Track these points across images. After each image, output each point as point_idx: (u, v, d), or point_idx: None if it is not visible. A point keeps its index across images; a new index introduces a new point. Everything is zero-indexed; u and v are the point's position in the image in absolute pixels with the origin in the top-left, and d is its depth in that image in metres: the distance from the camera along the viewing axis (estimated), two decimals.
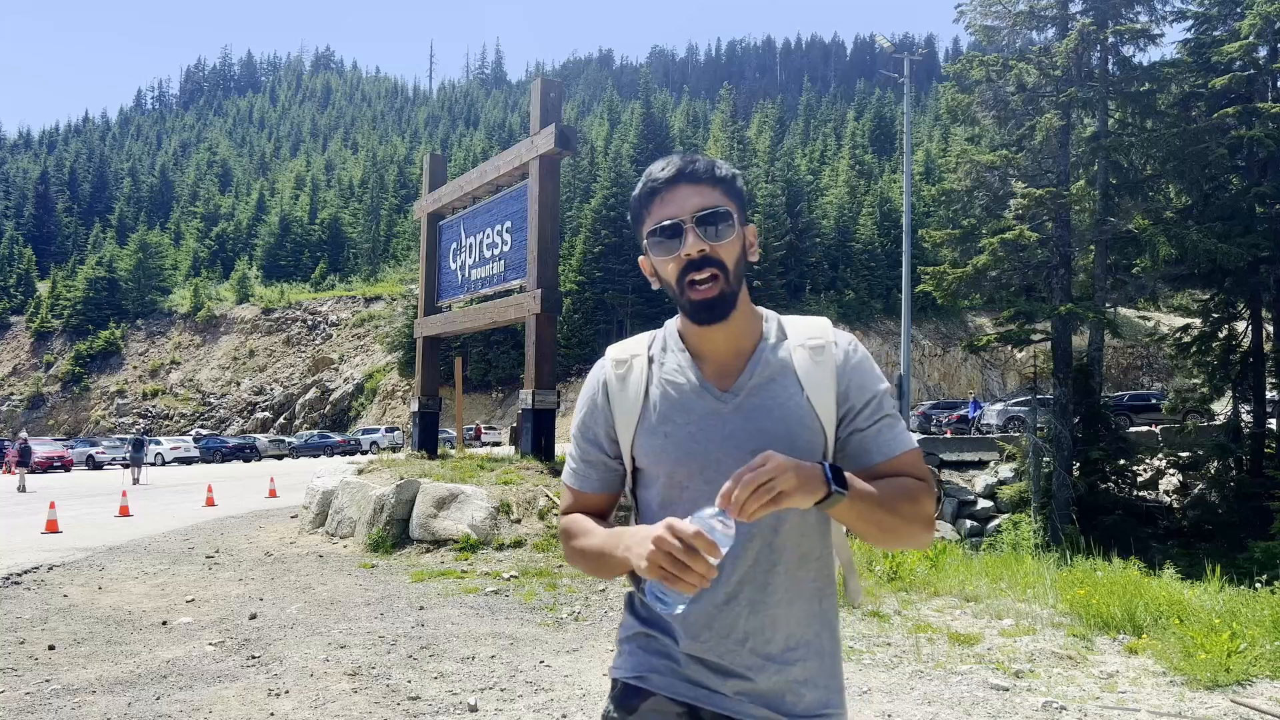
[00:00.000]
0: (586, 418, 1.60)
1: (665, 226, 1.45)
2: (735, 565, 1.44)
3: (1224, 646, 5.00)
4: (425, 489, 10.31)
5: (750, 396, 1.47)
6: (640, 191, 1.51)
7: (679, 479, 1.47)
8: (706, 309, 1.45)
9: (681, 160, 1.48)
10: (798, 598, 1.48)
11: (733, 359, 1.51)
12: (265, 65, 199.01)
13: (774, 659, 1.46)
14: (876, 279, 59.53)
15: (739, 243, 1.48)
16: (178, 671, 5.31)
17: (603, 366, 1.60)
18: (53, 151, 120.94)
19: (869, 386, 1.51)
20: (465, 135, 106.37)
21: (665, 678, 1.49)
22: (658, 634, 1.51)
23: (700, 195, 1.45)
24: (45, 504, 14.09)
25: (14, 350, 74.94)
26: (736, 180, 1.51)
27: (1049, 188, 22.02)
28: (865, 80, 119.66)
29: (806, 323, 1.56)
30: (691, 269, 1.44)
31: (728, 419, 1.47)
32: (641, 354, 1.56)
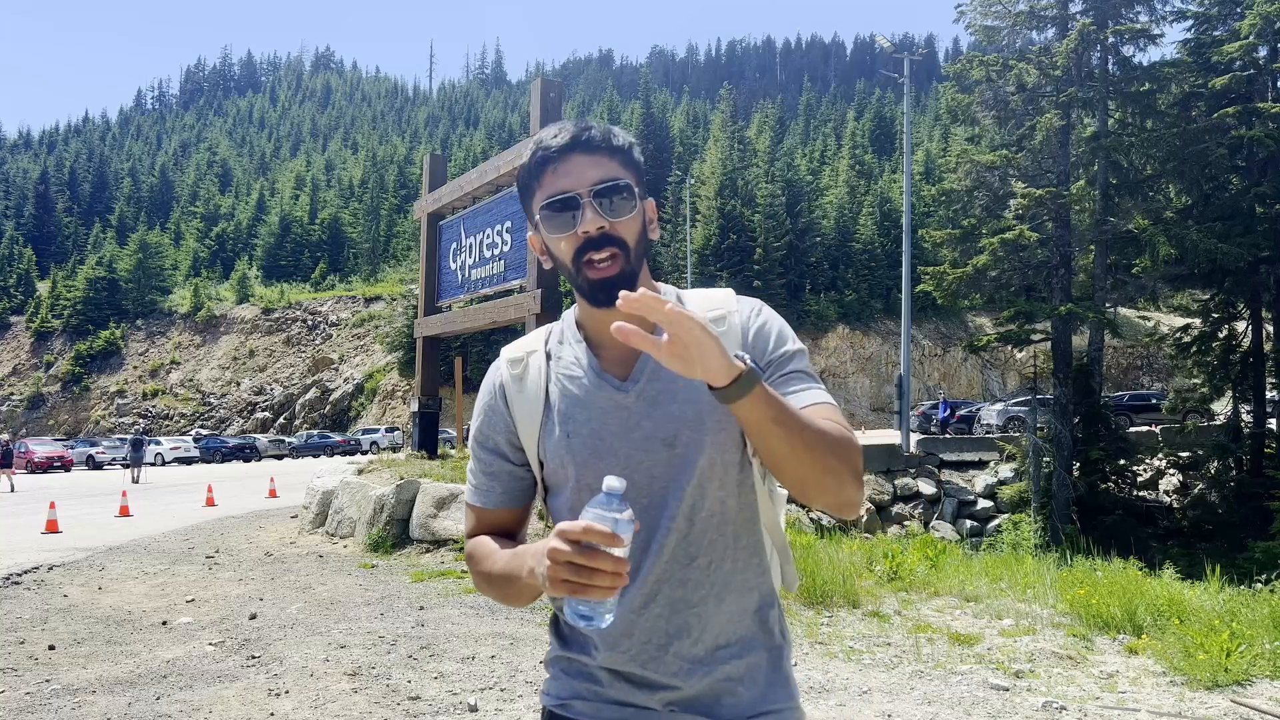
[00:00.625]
0: (484, 426, 1.45)
1: (559, 200, 1.31)
2: (649, 564, 1.32)
3: (1224, 646, 5.00)
4: (425, 489, 10.31)
5: (651, 381, 1.34)
6: (530, 161, 1.36)
7: (587, 481, 1.33)
8: (605, 289, 1.30)
9: (576, 127, 1.34)
10: (726, 592, 1.35)
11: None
12: (265, 65, 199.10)
13: (702, 661, 1.34)
14: (876, 279, 59.53)
15: (639, 218, 1.35)
16: (178, 671, 5.31)
17: (497, 369, 1.47)
18: (53, 151, 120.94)
19: (773, 348, 1.37)
20: (465, 135, 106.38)
21: (589, 703, 1.38)
22: (577, 654, 1.39)
23: (598, 166, 1.32)
24: (45, 504, 14.09)
25: (14, 350, 74.93)
26: (634, 150, 1.38)
27: (1049, 188, 22.04)
28: (865, 80, 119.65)
29: (708, 295, 1.43)
30: (589, 248, 1.30)
31: (631, 409, 1.34)
32: (538, 349, 1.44)
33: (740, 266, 55.52)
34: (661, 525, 1.33)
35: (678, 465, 1.33)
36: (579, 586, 1.10)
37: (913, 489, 22.71)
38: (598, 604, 1.13)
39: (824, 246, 61.16)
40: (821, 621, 6.44)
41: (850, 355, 57.76)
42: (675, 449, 1.33)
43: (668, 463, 1.33)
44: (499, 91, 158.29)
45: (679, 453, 1.33)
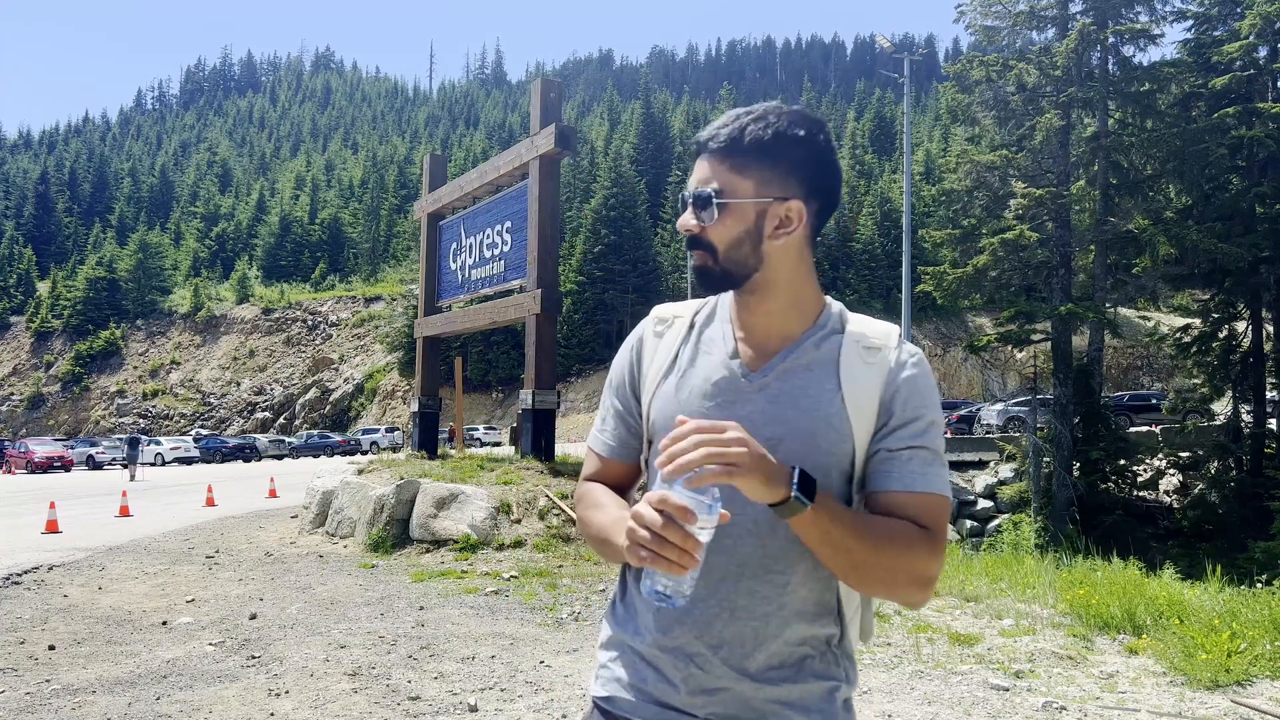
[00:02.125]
0: (618, 374, 1.50)
1: (682, 197, 1.40)
2: (721, 560, 1.30)
3: (1224, 646, 5.00)
4: (425, 489, 10.31)
5: (778, 380, 1.35)
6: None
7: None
8: (698, 277, 1.39)
9: (714, 126, 1.37)
10: (795, 617, 1.31)
11: (773, 341, 1.38)
12: (265, 65, 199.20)
13: (750, 676, 1.30)
14: (876, 279, 59.56)
15: (735, 224, 1.34)
16: (178, 671, 5.31)
17: (643, 324, 1.52)
18: (53, 151, 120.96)
19: (918, 407, 1.34)
20: (465, 135, 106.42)
21: (632, 700, 1.36)
22: (629, 636, 1.39)
23: (704, 171, 1.36)
24: (45, 504, 14.09)
25: (14, 350, 74.94)
26: (765, 149, 1.33)
27: (1049, 188, 22.03)
28: (865, 80, 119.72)
29: (873, 323, 1.41)
30: (689, 245, 1.39)
31: (749, 399, 1.34)
32: (685, 316, 1.47)
33: None
34: (740, 524, 1.30)
35: None
36: (649, 556, 1.12)
37: None
38: (675, 582, 1.14)
39: (824, 246, 61.16)
40: None
41: None
42: (776, 453, 1.27)
43: None
44: (499, 91, 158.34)
45: (779, 458, 1.26)
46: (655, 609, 1.34)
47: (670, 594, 1.15)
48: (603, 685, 1.42)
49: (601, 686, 1.42)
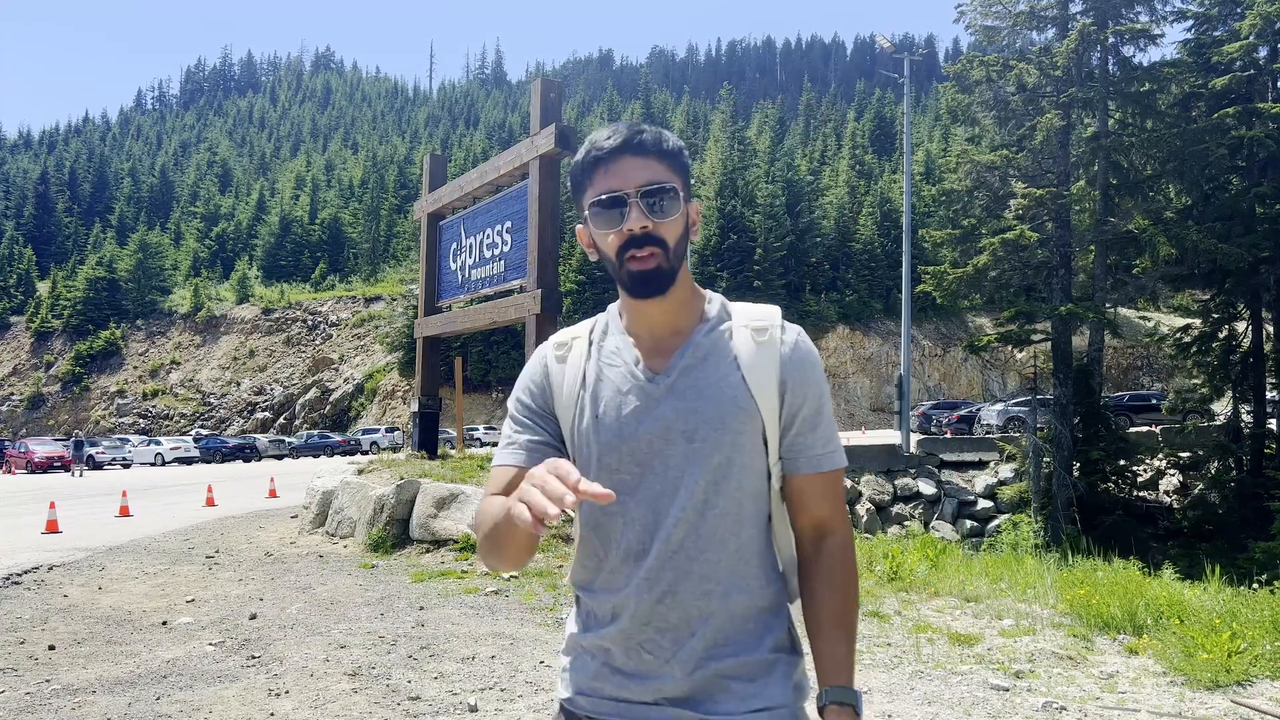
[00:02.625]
0: (524, 391, 1.51)
1: (608, 198, 1.39)
2: (657, 548, 1.38)
3: (1224, 647, 5.00)
4: (425, 489, 10.31)
5: (682, 377, 1.42)
6: (583, 159, 1.44)
7: (609, 463, 1.40)
8: (644, 281, 1.40)
9: (628, 130, 1.42)
10: (733, 591, 1.40)
11: (669, 338, 1.45)
12: (265, 65, 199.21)
13: (699, 655, 1.38)
14: (876, 279, 59.55)
15: (682, 220, 1.43)
16: (178, 671, 5.31)
17: (543, 350, 1.55)
18: (53, 151, 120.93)
19: (813, 384, 1.45)
20: (465, 135, 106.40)
21: (590, 698, 1.44)
22: (581, 637, 1.47)
23: (646, 169, 1.40)
24: (45, 504, 14.09)
25: (14, 350, 74.93)
26: (683, 154, 1.45)
27: (1049, 188, 22.04)
28: (865, 80, 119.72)
29: (754, 307, 1.51)
30: (632, 245, 1.39)
31: (659, 400, 1.40)
32: (582, 337, 1.52)
33: (740, 267, 55.55)
34: (671, 514, 1.38)
35: (694, 458, 1.39)
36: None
37: (913, 489, 22.71)
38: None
39: (824, 247, 61.19)
40: None
41: (850, 355, 57.78)
42: (693, 443, 1.39)
43: (684, 455, 1.39)
44: (499, 91, 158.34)
45: (696, 447, 1.39)
46: (612, 615, 1.41)
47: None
48: (565, 687, 1.49)
49: (564, 688, 1.49)
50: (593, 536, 1.45)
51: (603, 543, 1.43)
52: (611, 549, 1.42)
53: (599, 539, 1.44)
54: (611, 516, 1.42)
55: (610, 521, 1.42)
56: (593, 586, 1.46)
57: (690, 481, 1.38)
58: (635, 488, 1.40)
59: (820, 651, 1.42)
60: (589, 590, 1.47)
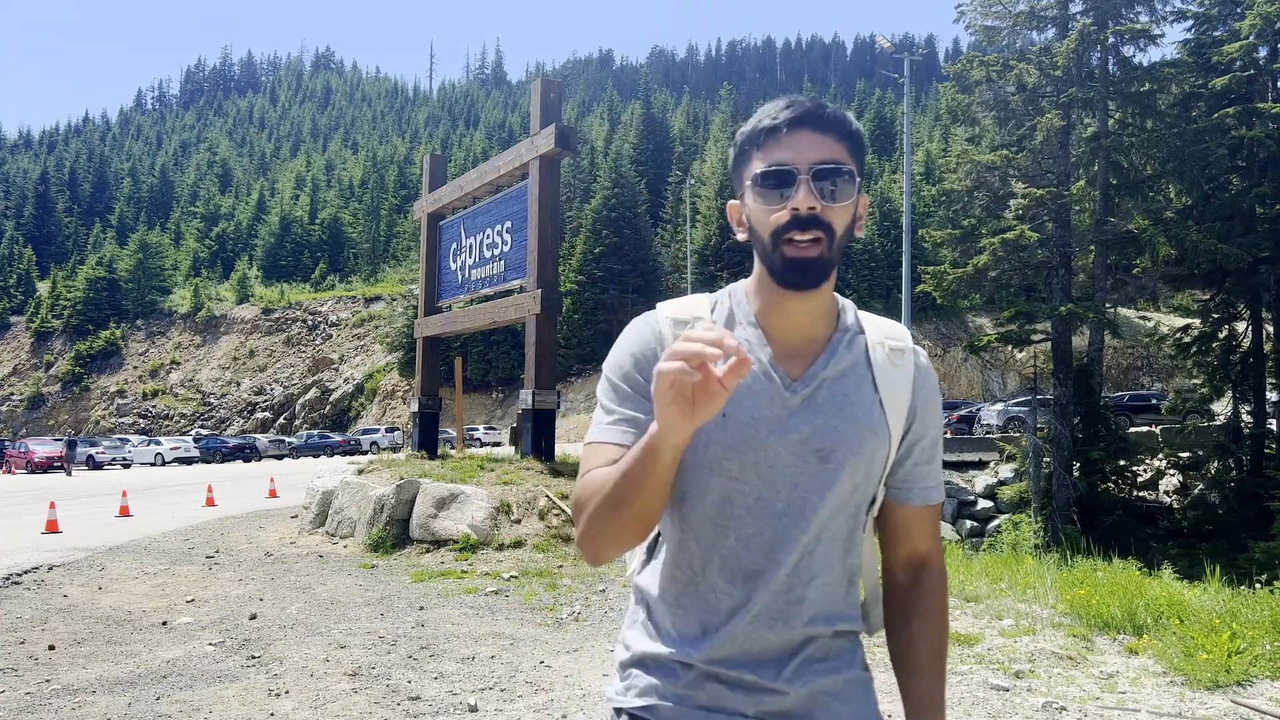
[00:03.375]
0: (629, 365, 1.33)
1: (778, 172, 1.25)
2: (773, 574, 1.28)
3: (1224, 647, 5.00)
4: (425, 489, 10.31)
5: (821, 389, 1.30)
6: (753, 128, 1.30)
7: (730, 468, 1.28)
8: (801, 270, 1.25)
9: (811, 102, 1.28)
10: (836, 619, 1.33)
11: (806, 344, 1.32)
12: (265, 65, 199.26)
13: (802, 671, 1.30)
14: (876, 279, 59.54)
15: (852, 209, 1.28)
16: (178, 671, 5.31)
17: (655, 321, 1.36)
18: (53, 151, 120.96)
19: (935, 414, 1.38)
20: (465, 135, 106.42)
21: (676, 706, 1.31)
22: (671, 651, 1.32)
23: (823, 146, 1.26)
24: (45, 504, 14.09)
25: (14, 350, 74.94)
26: (863, 139, 1.32)
27: (1049, 188, 22.04)
28: (865, 80, 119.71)
29: (886, 323, 1.40)
30: (794, 226, 1.24)
31: (794, 411, 1.28)
32: (704, 318, 1.35)
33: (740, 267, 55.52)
34: (791, 536, 1.28)
35: (825, 481, 1.29)
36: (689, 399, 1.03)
37: None
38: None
39: None
40: None
41: None
42: (827, 464, 1.28)
43: (815, 475, 1.28)
44: (499, 91, 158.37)
45: (830, 469, 1.29)
46: (703, 632, 1.30)
47: None
48: (638, 694, 1.34)
49: (636, 696, 1.34)
50: (690, 544, 1.31)
51: (702, 554, 1.30)
52: (713, 563, 1.29)
53: (700, 549, 1.30)
54: (720, 527, 1.29)
55: (718, 534, 1.29)
56: (683, 601, 1.32)
57: (818, 505, 1.28)
58: (754, 503, 1.29)
59: (913, 690, 1.37)
60: (677, 605, 1.33)
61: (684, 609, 1.32)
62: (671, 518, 1.34)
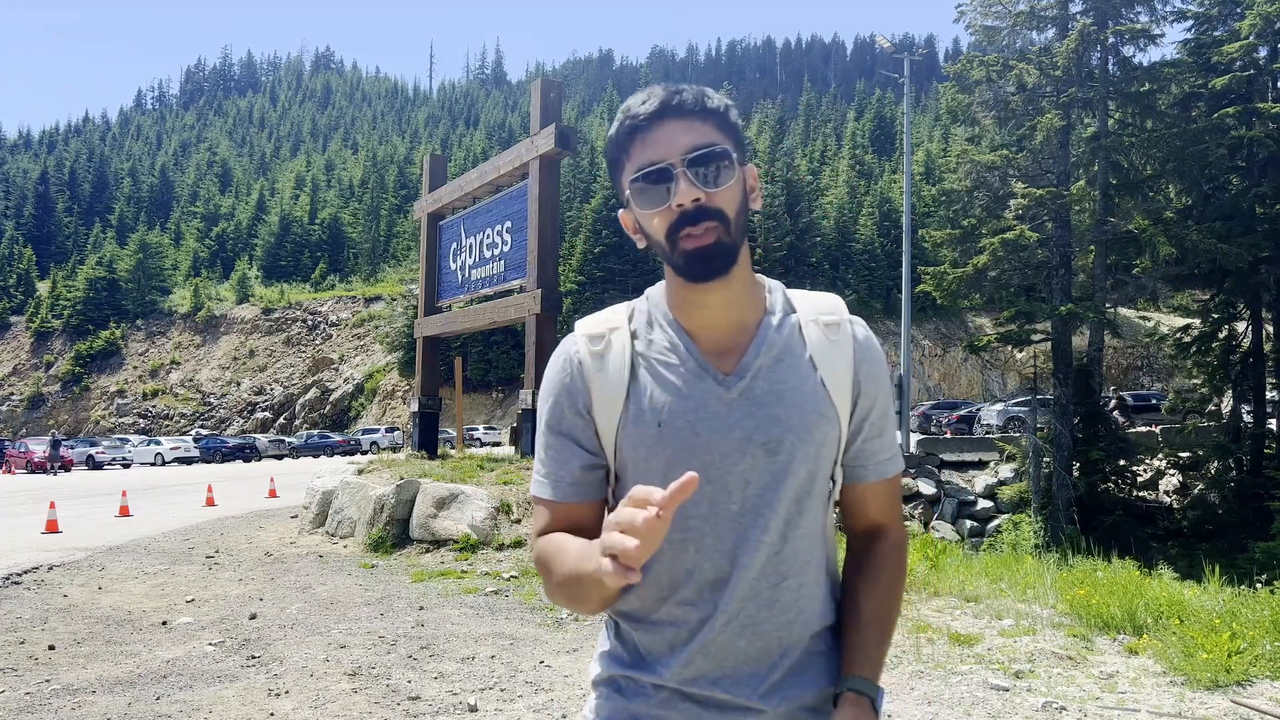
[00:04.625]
0: (556, 406, 1.29)
1: (651, 171, 1.20)
2: (737, 577, 1.22)
3: (1224, 647, 5.00)
4: (425, 489, 10.31)
5: (757, 380, 1.24)
6: (617, 130, 1.24)
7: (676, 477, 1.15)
8: (703, 259, 1.20)
9: (665, 91, 1.22)
10: (813, 620, 1.27)
11: (733, 334, 1.27)
12: (265, 65, 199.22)
13: (778, 686, 1.24)
14: (876, 279, 59.56)
15: (739, 187, 1.23)
16: (178, 671, 5.31)
17: (573, 344, 1.31)
18: (53, 151, 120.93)
19: (881, 384, 1.32)
20: (465, 135, 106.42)
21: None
22: (640, 674, 1.27)
23: (691, 132, 1.20)
24: (45, 504, 14.09)
25: (14, 350, 74.93)
26: (731, 112, 1.25)
27: (1049, 188, 22.03)
28: (865, 80, 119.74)
29: (815, 297, 1.33)
30: (685, 222, 1.19)
31: (733, 407, 1.23)
32: (621, 328, 1.29)
33: None
34: (752, 537, 1.22)
35: (777, 474, 1.23)
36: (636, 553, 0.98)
37: (913, 489, 22.71)
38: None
39: (824, 246, 61.18)
40: None
41: None
42: (777, 456, 1.23)
43: (766, 470, 1.23)
44: (499, 91, 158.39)
45: (780, 460, 1.23)
46: (671, 649, 1.25)
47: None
48: (607, 716, 1.30)
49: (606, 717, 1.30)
50: (653, 564, 1.23)
51: (667, 572, 1.24)
52: (681, 578, 1.24)
53: (663, 565, 1.24)
54: (679, 542, 1.22)
55: (678, 549, 1.23)
56: (652, 618, 1.26)
57: (774, 500, 1.23)
58: (707, 509, 1.22)
59: (850, 643, 1.28)
60: (644, 622, 1.27)
61: (653, 626, 1.27)
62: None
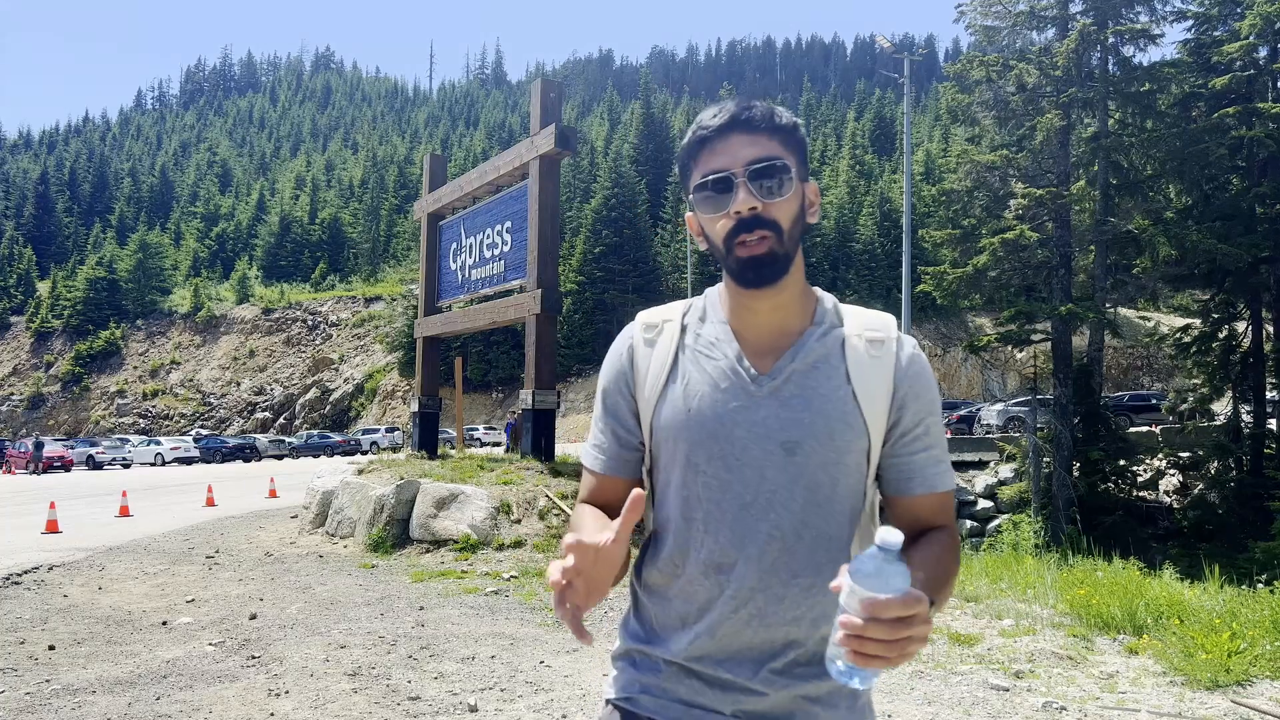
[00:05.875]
0: (609, 385, 1.42)
1: (714, 180, 1.30)
2: (745, 568, 1.28)
3: (1224, 647, 5.00)
4: (425, 489, 10.31)
5: (788, 383, 1.31)
6: (689, 140, 1.35)
7: (697, 461, 1.31)
8: (755, 267, 1.29)
9: (736, 106, 1.32)
10: (824, 621, 1.30)
11: (777, 338, 1.35)
12: (265, 65, 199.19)
13: (782, 674, 1.30)
14: (876, 279, 59.55)
15: (796, 200, 1.32)
16: (178, 671, 5.31)
17: (630, 331, 1.44)
18: (53, 151, 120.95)
19: (928, 402, 1.36)
20: (465, 135, 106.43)
21: (656, 699, 1.34)
22: (651, 649, 1.36)
23: (755, 145, 1.29)
24: (45, 504, 14.08)
25: (14, 350, 74.91)
26: (798, 130, 1.34)
27: (1049, 188, 22.02)
28: (865, 80, 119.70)
29: (868, 313, 1.40)
30: (742, 229, 1.29)
31: (761, 404, 1.30)
32: (675, 320, 1.41)
33: None
34: (762, 531, 1.29)
35: (792, 473, 1.29)
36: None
37: None
38: (860, 671, 1.07)
39: (824, 246, 61.18)
40: None
41: None
42: (794, 456, 1.29)
43: (782, 468, 1.29)
44: (499, 91, 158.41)
45: (797, 461, 1.29)
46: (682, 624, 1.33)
47: (848, 674, 1.08)
48: (622, 687, 1.39)
49: (620, 689, 1.39)
50: (668, 539, 1.35)
51: (679, 547, 1.33)
52: (690, 557, 1.32)
53: (675, 543, 1.33)
54: (691, 521, 1.32)
55: (689, 526, 1.32)
56: (667, 594, 1.35)
57: (786, 497, 1.29)
58: (721, 495, 1.30)
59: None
60: (662, 597, 1.36)
61: (667, 601, 1.35)
62: (656, 514, 1.39)
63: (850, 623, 1.03)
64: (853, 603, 1.04)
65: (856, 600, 1.04)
